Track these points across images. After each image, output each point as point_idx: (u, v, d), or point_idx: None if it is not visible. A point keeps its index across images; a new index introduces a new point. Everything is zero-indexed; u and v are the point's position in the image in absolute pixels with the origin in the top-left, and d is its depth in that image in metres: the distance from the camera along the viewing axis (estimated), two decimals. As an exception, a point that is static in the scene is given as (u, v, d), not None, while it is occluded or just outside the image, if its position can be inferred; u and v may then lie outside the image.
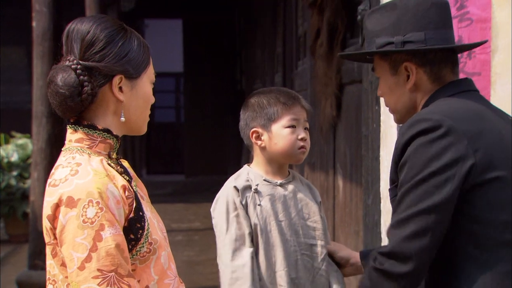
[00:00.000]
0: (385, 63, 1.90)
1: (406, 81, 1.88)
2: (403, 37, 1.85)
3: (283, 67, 7.49)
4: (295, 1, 6.79)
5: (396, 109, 1.93)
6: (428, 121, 1.72)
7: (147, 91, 1.74)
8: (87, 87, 1.64)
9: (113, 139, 1.72)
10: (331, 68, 4.70)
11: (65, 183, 1.59)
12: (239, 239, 2.19)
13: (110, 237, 1.57)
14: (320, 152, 5.46)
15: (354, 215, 4.34)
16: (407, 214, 1.70)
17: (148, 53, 1.74)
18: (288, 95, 2.28)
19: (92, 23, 1.68)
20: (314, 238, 2.27)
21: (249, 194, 2.24)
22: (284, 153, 2.26)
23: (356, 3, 3.96)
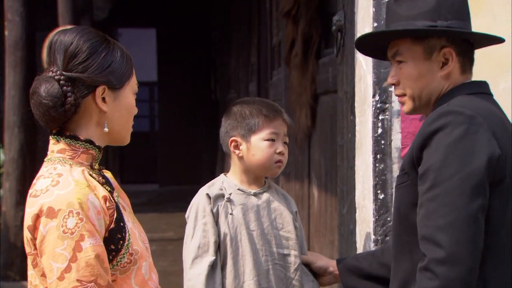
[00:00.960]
0: (419, 47, 1.87)
1: (440, 68, 1.85)
2: (447, 23, 1.83)
3: (257, 77, 7.50)
4: (270, 11, 6.81)
5: (420, 95, 1.88)
6: (455, 114, 1.69)
7: (130, 101, 1.75)
8: (70, 97, 1.65)
9: (95, 149, 1.72)
10: (305, 78, 4.71)
11: (46, 194, 1.60)
12: (202, 247, 2.20)
13: (90, 248, 1.57)
14: (295, 162, 5.47)
15: (329, 224, 4.35)
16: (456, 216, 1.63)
17: (131, 64, 1.76)
18: (271, 108, 2.29)
19: (75, 34, 1.70)
20: (288, 248, 2.28)
21: (221, 202, 2.25)
22: (261, 165, 2.27)
23: (330, 14, 3.98)
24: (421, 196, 1.70)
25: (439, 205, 1.65)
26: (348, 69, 2.91)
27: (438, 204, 1.65)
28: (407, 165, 1.77)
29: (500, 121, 1.76)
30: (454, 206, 1.63)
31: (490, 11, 2.51)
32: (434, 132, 1.70)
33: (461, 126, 1.67)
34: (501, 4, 2.52)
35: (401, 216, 1.81)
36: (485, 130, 1.68)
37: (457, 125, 1.68)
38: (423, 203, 1.69)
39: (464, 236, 1.62)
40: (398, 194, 1.84)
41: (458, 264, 1.60)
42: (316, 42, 4.59)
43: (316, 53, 4.62)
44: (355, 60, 2.76)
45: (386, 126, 2.54)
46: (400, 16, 1.88)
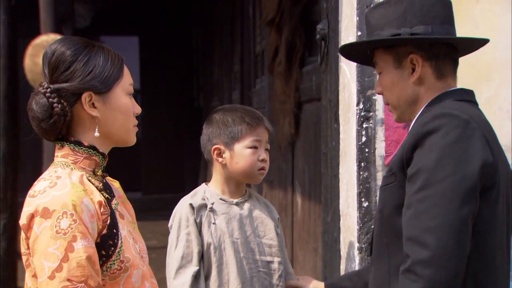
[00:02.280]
0: (389, 56, 1.88)
1: (410, 75, 1.85)
2: (410, 29, 1.82)
3: (241, 85, 7.51)
4: (253, 19, 6.83)
5: (398, 104, 1.89)
6: (451, 117, 1.68)
7: (123, 102, 1.76)
8: (57, 108, 1.70)
9: (98, 156, 1.76)
10: (289, 86, 4.73)
11: (43, 195, 1.64)
12: (185, 257, 2.20)
13: (82, 249, 1.60)
14: (279, 170, 5.48)
15: (312, 232, 4.35)
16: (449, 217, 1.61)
17: (120, 65, 1.77)
18: (253, 116, 2.30)
19: (56, 45, 1.74)
20: (271, 255, 2.30)
21: (204, 212, 2.26)
22: (244, 172, 2.28)
23: (314, 22, 4.00)
24: (410, 196, 1.67)
25: (430, 206, 1.62)
26: (332, 78, 2.92)
27: (428, 205, 1.62)
28: (395, 165, 1.75)
29: (490, 128, 1.77)
30: (445, 209, 1.61)
31: (472, 21, 2.54)
32: (428, 133, 1.68)
33: (457, 129, 1.66)
34: (483, 14, 2.55)
35: (383, 217, 1.79)
36: (479, 135, 1.67)
37: (452, 127, 1.66)
38: (412, 203, 1.66)
39: (453, 240, 1.59)
40: (383, 195, 1.82)
41: (443, 267, 1.57)
42: (299, 51, 4.61)
43: (300, 61, 4.64)
44: (339, 69, 2.77)
45: (370, 134, 2.55)
46: (371, 26, 1.90)
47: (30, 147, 9.83)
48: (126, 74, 1.79)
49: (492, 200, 1.70)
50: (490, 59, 2.55)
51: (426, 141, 1.67)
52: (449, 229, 1.59)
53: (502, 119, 2.57)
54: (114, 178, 1.95)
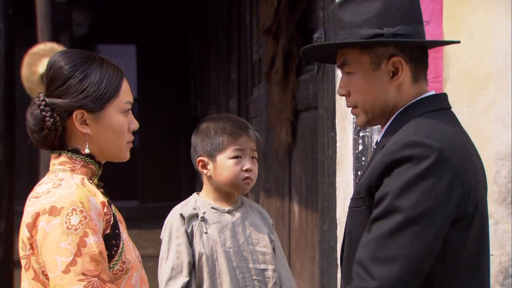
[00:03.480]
0: (366, 56, 1.71)
1: (390, 78, 1.71)
2: (394, 29, 1.69)
3: (238, 93, 7.52)
4: (250, 28, 6.84)
5: (372, 108, 1.74)
6: (422, 147, 1.58)
7: (115, 121, 1.76)
8: (48, 122, 1.71)
9: (95, 165, 1.77)
10: (286, 95, 4.74)
11: (48, 194, 1.65)
12: (175, 268, 2.19)
13: (94, 244, 1.62)
14: (276, 178, 5.48)
15: (309, 240, 4.35)
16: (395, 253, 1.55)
17: (117, 83, 1.77)
18: (235, 125, 2.27)
19: (56, 58, 1.75)
20: (265, 262, 2.28)
21: (195, 222, 2.24)
22: (228, 184, 2.26)
23: (311, 31, 4.01)
24: (371, 221, 1.61)
25: (384, 236, 1.56)
26: (328, 86, 2.92)
27: (383, 235, 1.57)
28: (364, 190, 1.66)
29: (464, 150, 1.66)
30: (399, 244, 1.55)
31: (468, 30, 2.55)
32: (398, 162, 1.58)
33: (427, 161, 1.56)
34: (479, 23, 2.56)
35: (352, 241, 1.71)
36: (449, 168, 1.58)
37: (423, 159, 1.56)
38: (372, 229, 1.60)
39: (399, 277, 1.54)
40: (351, 217, 1.73)
41: None
42: (296, 59, 4.62)
43: (297, 70, 4.65)
44: (336, 77, 2.78)
45: (367, 143, 2.56)
46: (344, 23, 1.73)
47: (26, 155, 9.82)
48: (124, 92, 1.78)
49: (463, 229, 1.62)
50: (486, 68, 2.56)
51: (395, 170, 1.59)
52: (397, 266, 1.55)
53: (498, 127, 2.58)
54: (111, 186, 1.96)
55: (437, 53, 2.54)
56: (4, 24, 5.65)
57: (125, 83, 1.80)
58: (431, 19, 2.56)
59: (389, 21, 1.69)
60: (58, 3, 7.97)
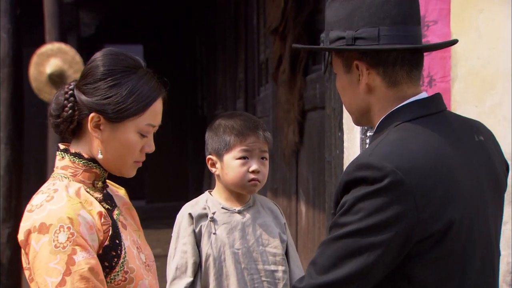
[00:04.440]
0: (339, 59, 1.70)
1: (358, 81, 1.67)
2: (355, 32, 1.64)
3: (245, 93, 7.52)
4: (257, 28, 6.84)
5: (351, 110, 1.74)
6: (373, 170, 1.53)
7: (129, 138, 1.72)
8: (66, 112, 1.71)
9: (99, 168, 1.74)
10: (293, 95, 4.74)
11: (40, 209, 1.63)
12: (180, 268, 2.18)
13: (83, 261, 1.59)
14: (283, 178, 5.48)
15: (317, 240, 4.35)
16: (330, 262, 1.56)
17: (147, 103, 1.72)
18: (245, 124, 2.24)
19: (100, 54, 1.73)
20: (275, 263, 2.25)
21: (204, 222, 2.22)
22: (234, 184, 2.23)
23: (318, 30, 4.01)
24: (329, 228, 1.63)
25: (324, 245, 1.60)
26: (335, 86, 2.92)
27: (324, 243, 1.60)
28: (334, 206, 1.66)
29: (437, 164, 1.57)
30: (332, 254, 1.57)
31: (476, 30, 2.54)
32: (353, 182, 1.56)
33: (380, 183, 1.52)
34: (486, 24, 2.55)
35: None
36: (402, 190, 1.52)
37: (375, 182, 1.52)
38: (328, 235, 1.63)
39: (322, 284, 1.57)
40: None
41: None
42: (303, 59, 4.62)
43: (304, 70, 4.65)
44: (343, 77, 2.77)
45: (374, 143, 2.55)
46: (326, 23, 1.73)
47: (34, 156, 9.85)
48: (150, 113, 1.74)
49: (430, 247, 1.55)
50: (494, 68, 2.55)
51: (349, 190, 1.58)
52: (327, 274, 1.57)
53: (506, 128, 2.57)
54: (120, 186, 1.94)
55: (445, 53, 2.54)
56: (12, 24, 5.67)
57: (158, 104, 1.75)
58: (438, 18, 2.55)
59: (354, 23, 1.65)
60: (66, 4, 7.99)
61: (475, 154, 1.66)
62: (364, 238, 1.53)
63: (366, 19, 1.64)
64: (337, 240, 1.56)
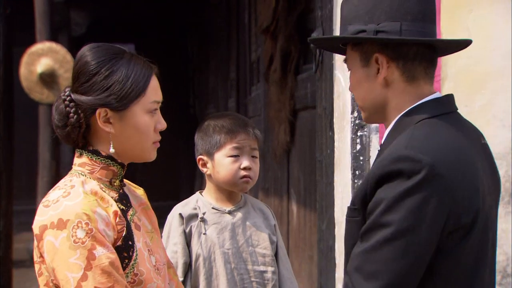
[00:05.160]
0: (356, 53, 1.73)
1: (376, 75, 1.70)
2: (377, 26, 1.68)
3: (236, 93, 7.52)
4: (249, 27, 6.84)
5: (364, 105, 1.75)
6: (411, 162, 1.54)
7: (140, 121, 1.71)
8: (72, 118, 1.68)
9: (117, 166, 1.73)
10: (284, 94, 4.74)
11: (56, 205, 1.61)
12: None
13: (103, 255, 1.58)
14: (274, 177, 5.48)
15: (308, 240, 4.35)
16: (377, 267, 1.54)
17: (144, 81, 1.72)
18: (235, 123, 2.25)
19: (84, 52, 1.71)
20: (264, 264, 2.26)
21: (194, 222, 2.23)
22: (226, 182, 2.24)
23: (309, 30, 4.01)
24: (361, 233, 1.60)
25: (370, 250, 1.56)
26: (326, 86, 2.92)
27: (369, 248, 1.57)
28: (358, 201, 1.65)
29: (462, 157, 1.62)
30: (382, 258, 1.54)
31: (466, 30, 2.55)
32: (389, 176, 1.56)
33: (417, 176, 1.53)
34: (477, 23, 2.56)
35: (347, 249, 1.70)
36: (440, 183, 1.55)
37: (413, 175, 1.54)
38: (361, 241, 1.60)
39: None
40: (348, 226, 1.71)
41: None
42: (294, 58, 4.62)
43: (295, 69, 4.65)
44: (334, 77, 2.78)
45: (365, 143, 2.56)
46: (343, 18, 1.75)
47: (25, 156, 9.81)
48: (151, 90, 1.73)
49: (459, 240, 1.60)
50: (484, 67, 2.56)
51: (385, 184, 1.57)
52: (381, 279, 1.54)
53: (496, 127, 2.58)
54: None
55: (435, 53, 2.54)
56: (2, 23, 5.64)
57: (154, 80, 1.75)
58: (429, 18, 2.55)
59: (375, 18, 1.69)
60: (57, 3, 7.97)
61: (484, 155, 1.71)
62: (411, 237, 1.53)
63: (387, 14, 1.68)
64: (384, 244, 1.54)
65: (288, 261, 2.35)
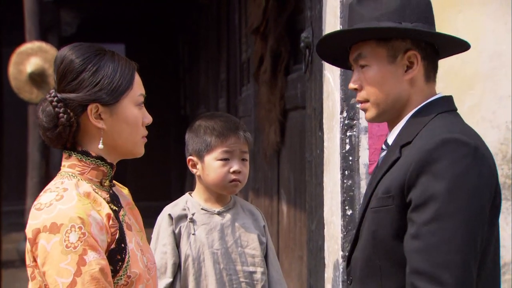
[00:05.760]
0: (383, 49, 1.76)
1: (404, 72, 1.75)
2: (412, 24, 1.73)
3: (227, 93, 7.51)
4: (239, 28, 6.84)
5: (385, 102, 1.77)
6: (460, 144, 1.61)
7: (130, 114, 1.73)
8: (62, 118, 1.67)
9: (106, 166, 1.73)
10: (274, 94, 4.74)
11: (49, 208, 1.61)
12: (159, 268, 2.19)
13: (93, 261, 1.58)
14: (264, 178, 5.48)
15: (298, 240, 4.35)
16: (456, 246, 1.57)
17: (130, 75, 1.74)
18: (226, 125, 2.25)
19: (66, 52, 1.71)
20: (254, 265, 2.27)
21: (183, 223, 2.23)
22: (215, 185, 2.25)
23: (299, 31, 4.01)
24: (420, 227, 1.60)
25: (443, 240, 1.57)
26: (316, 86, 2.93)
27: (441, 239, 1.57)
28: (395, 189, 1.66)
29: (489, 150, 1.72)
30: (459, 245, 1.56)
31: (455, 31, 2.55)
32: (436, 160, 1.60)
33: (467, 158, 1.60)
34: (466, 24, 2.57)
35: (376, 240, 1.71)
36: (486, 162, 1.63)
37: (461, 156, 1.60)
38: (422, 235, 1.59)
39: (468, 279, 1.56)
40: (376, 216, 1.72)
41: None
42: (284, 59, 4.62)
43: (285, 70, 4.65)
44: (323, 77, 2.78)
45: (354, 143, 2.56)
46: (363, 17, 1.78)
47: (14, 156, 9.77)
48: (137, 84, 1.75)
49: (491, 221, 1.67)
50: (473, 68, 2.57)
51: (433, 168, 1.60)
52: (464, 266, 1.56)
53: (485, 128, 2.59)
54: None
55: (424, 53, 2.55)
56: (-8, 23, 5.62)
57: (137, 75, 1.77)
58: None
59: (407, 17, 1.75)
60: (46, 3, 7.94)
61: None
62: (478, 219, 1.59)
63: (416, 15, 1.76)
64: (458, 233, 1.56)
65: (277, 263, 2.36)
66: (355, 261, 1.81)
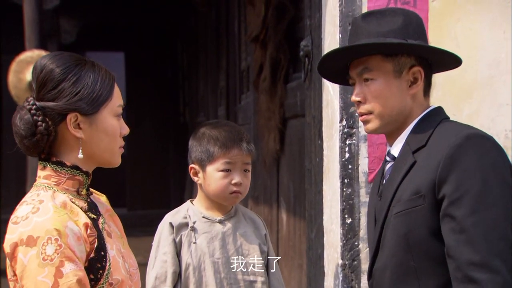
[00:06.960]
0: (389, 64, 1.86)
1: (408, 87, 1.86)
2: (416, 42, 1.84)
3: (226, 101, 7.52)
4: (238, 36, 6.85)
5: (390, 114, 1.87)
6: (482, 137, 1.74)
7: (109, 125, 1.73)
8: (40, 127, 1.66)
9: (82, 175, 1.72)
10: (274, 102, 4.74)
11: (26, 221, 1.60)
12: (159, 277, 2.18)
13: (71, 273, 1.57)
14: (264, 186, 5.48)
15: (297, 248, 4.35)
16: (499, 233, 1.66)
17: (110, 85, 1.73)
18: (229, 136, 2.24)
19: (46, 60, 1.70)
20: (254, 274, 2.26)
21: (185, 232, 2.22)
22: (216, 195, 2.24)
23: (298, 39, 4.02)
24: (461, 220, 1.67)
25: (488, 230, 1.65)
26: (315, 94, 2.93)
27: (486, 229, 1.65)
28: (425, 187, 1.73)
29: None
30: (503, 233, 1.65)
31: (454, 39, 2.56)
32: (465, 154, 1.69)
33: (493, 150, 1.72)
34: (464, 32, 2.57)
35: (410, 242, 1.75)
36: (504, 153, 1.75)
37: (488, 149, 1.71)
38: (466, 228, 1.66)
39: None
40: (404, 219, 1.76)
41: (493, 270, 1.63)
42: (284, 67, 4.63)
43: (284, 78, 4.66)
44: (323, 85, 2.78)
45: (353, 151, 2.56)
46: (370, 32, 1.85)
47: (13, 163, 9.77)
48: (116, 95, 1.75)
49: None
50: (471, 76, 2.57)
51: (463, 163, 1.69)
52: (510, 250, 1.64)
53: (483, 135, 2.59)
54: (101, 193, 1.93)
55: (423, 62, 2.56)
56: (-8, 31, 5.63)
57: (116, 86, 1.77)
58: (417, 28, 2.57)
59: (410, 35, 1.84)
60: (46, 11, 7.95)
61: None
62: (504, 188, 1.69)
63: (418, 34, 1.87)
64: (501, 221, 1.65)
65: (279, 272, 2.35)
66: (380, 272, 1.83)
